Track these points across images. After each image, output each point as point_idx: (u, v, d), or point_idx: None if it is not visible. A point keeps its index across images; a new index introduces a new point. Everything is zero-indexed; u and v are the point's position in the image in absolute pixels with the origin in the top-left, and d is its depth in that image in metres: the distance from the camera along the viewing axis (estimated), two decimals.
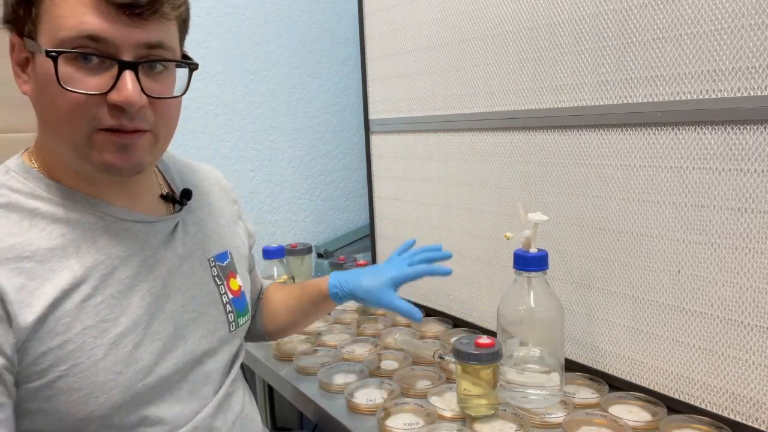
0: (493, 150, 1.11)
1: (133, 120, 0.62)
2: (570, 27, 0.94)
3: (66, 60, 0.58)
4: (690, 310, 0.84)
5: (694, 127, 0.80)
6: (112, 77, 0.60)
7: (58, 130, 0.63)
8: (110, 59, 0.59)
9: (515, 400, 0.90)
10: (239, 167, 1.64)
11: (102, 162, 0.63)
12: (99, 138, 0.62)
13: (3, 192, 0.63)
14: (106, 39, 0.58)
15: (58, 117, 0.61)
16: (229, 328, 0.79)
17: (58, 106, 0.60)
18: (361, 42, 1.43)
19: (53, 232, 0.63)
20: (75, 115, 0.60)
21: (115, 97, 0.60)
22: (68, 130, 0.61)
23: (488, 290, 1.17)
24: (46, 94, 0.61)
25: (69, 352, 0.61)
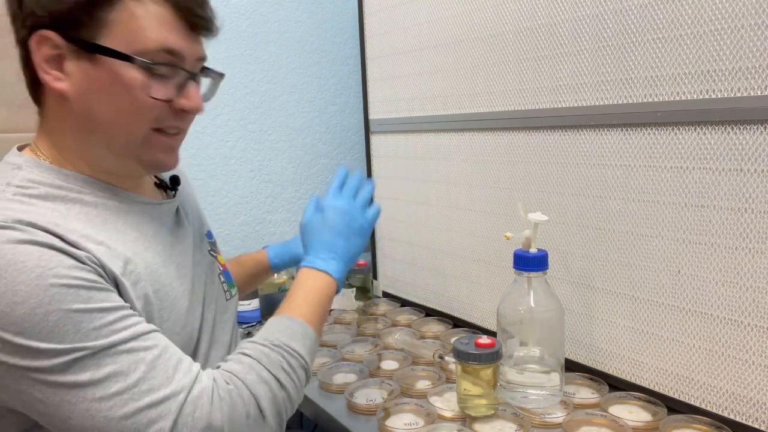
0: (493, 150, 1.11)
1: (188, 122, 0.72)
2: (570, 27, 0.94)
3: (140, 68, 0.64)
4: (690, 310, 0.84)
5: (694, 127, 0.80)
6: (177, 86, 0.67)
7: (113, 130, 0.67)
8: (181, 70, 0.67)
9: (515, 400, 0.90)
10: (239, 167, 1.64)
11: (153, 160, 0.70)
12: (154, 139, 0.69)
13: (30, 185, 0.65)
14: (180, 53, 0.66)
15: (122, 118, 0.66)
16: (226, 297, 0.86)
17: (127, 108, 0.66)
18: (361, 42, 1.43)
19: (89, 214, 0.66)
20: (141, 117, 0.67)
21: (185, 104, 0.68)
22: (127, 130, 0.67)
23: (488, 290, 1.17)
24: (110, 96, 0.65)
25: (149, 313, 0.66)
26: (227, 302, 0.86)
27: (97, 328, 0.58)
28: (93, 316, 0.58)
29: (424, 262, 1.34)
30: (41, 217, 0.61)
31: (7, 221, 0.58)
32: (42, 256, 0.57)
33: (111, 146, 0.68)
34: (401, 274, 1.43)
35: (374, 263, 1.51)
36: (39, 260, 0.57)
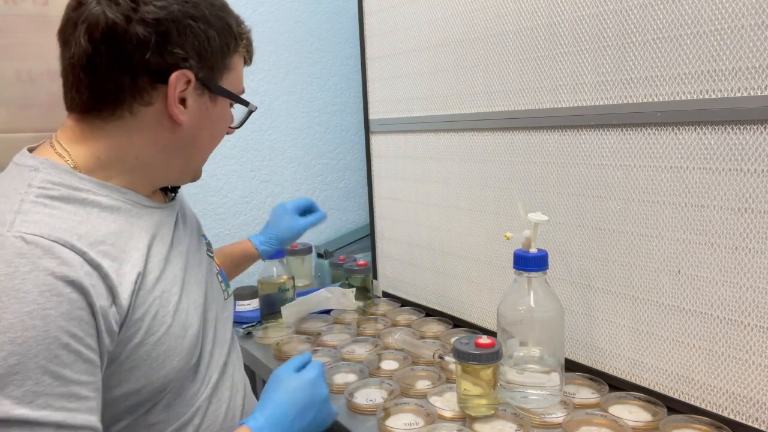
0: (493, 150, 1.11)
1: None
2: (570, 27, 0.94)
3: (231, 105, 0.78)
4: (690, 310, 0.84)
5: (694, 127, 0.80)
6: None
7: (202, 155, 0.79)
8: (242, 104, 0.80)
9: (515, 400, 0.90)
10: (239, 167, 1.64)
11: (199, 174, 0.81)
12: None
13: (50, 186, 0.65)
14: None
15: (210, 143, 0.78)
16: (224, 296, 0.88)
17: (217, 138, 0.79)
18: (361, 42, 1.43)
19: (107, 217, 0.67)
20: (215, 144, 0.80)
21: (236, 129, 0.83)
22: (209, 151, 0.80)
23: (488, 290, 1.17)
24: (214, 129, 0.77)
25: (148, 323, 0.67)
26: (225, 301, 0.88)
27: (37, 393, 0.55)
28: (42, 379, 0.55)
29: (424, 262, 1.34)
30: (63, 225, 0.61)
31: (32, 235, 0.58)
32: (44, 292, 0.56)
33: (191, 165, 0.78)
34: (401, 274, 1.43)
35: (374, 263, 1.51)
36: (39, 296, 0.56)
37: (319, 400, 0.80)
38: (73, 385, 0.58)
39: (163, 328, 0.68)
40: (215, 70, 0.72)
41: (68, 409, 0.57)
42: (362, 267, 1.40)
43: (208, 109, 0.73)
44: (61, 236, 0.60)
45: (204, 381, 0.76)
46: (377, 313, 1.35)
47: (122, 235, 0.68)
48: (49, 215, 0.62)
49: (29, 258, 0.57)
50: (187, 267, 0.77)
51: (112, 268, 0.63)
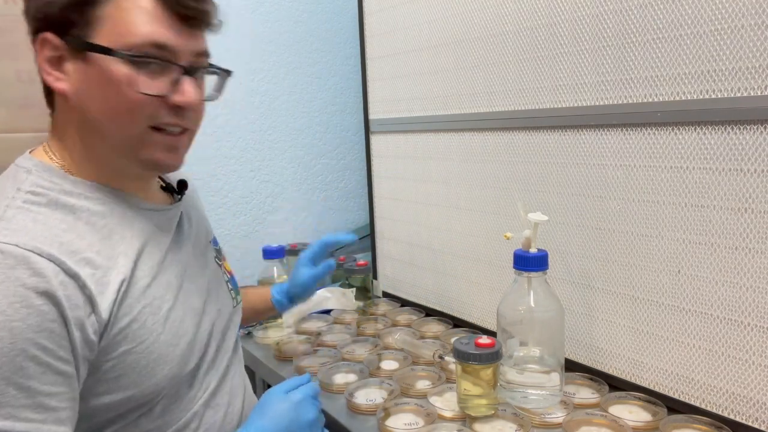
0: (493, 150, 1.11)
1: (186, 119, 0.69)
2: (570, 27, 0.94)
3: (127, 63, 0.63)
4: (690, 310, 0.84)
5: (694, 127, 0.80)
6: (171, 81, 0.66)
7: (110, 128, 0.66)
8: (174, 65, 0.65)
9: (515, 400, 0.90)
10: (239, 167, 1.64)
11: (151, 159, 0.68)
12: (152, 137, 0.67)
13: (40, 191, 0.64)
14: (170, 47, 0.64)
15: (114, 115, 0.65)
16: (233, 304, 0.86)
17: (117, 105, 0.65)
18: (361, 42, 1.43)
19: (96, 223, 0.66)
20: (134, 115, 0.65)
21: (179, 99, 0.66)
22: (123, 127, 0.66)
23: (488, 290, 1.17)
24: (103, 93, 0.64)
25: (134, 331, 0.65)
26: (234, 309, 0.86)
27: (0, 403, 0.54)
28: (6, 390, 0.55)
29: (424, 262, 1.34)
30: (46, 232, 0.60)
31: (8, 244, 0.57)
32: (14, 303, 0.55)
33: (112, 146, 0.68)
34: (401, 274, 1.43)
35: (374, 263, 1.51)
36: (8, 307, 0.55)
37: (304, 423, 0.76)
38: (41, 396, 0.57)
39: (152, 336, 0.66)
40: (76, 24, 0.63)
41: (33, 420, 0.56)
42: (362, 267, 1.40)
43: (84, 71, 0.64)
44: (39, 245, 0.58)
45: (202, 387, 0.75)
46: (377, 313, 1.35)
47: (111, 240, 0.66)
48: (33, 221, 0.61)
49: (1, 268, 0.56)
50: (186, 273, 0.75)
51: (92, 277, 0.61)
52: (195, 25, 0.66)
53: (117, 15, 0.62)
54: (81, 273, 0.61)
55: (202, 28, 0.68)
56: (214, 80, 0.75)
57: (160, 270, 0.70)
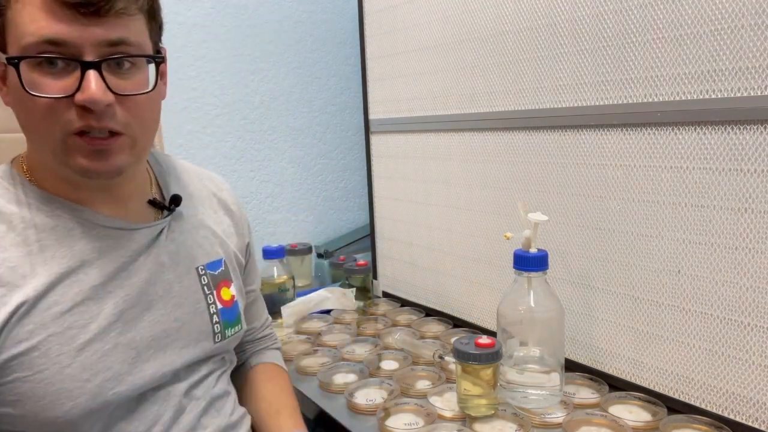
0: (493, 150, 1.11)
1: (102, 120, 0.61)
2: (570, 27, 0.94)
3: (30, 66, 0.59)
4: (690, 310, 0.84)
5: (694, 127, 0.80)
6: (77, 79, 0.59)
7: (34, 137, 0.64)
8: (72, 61, 0.59)
9: (515, 400, 0.90)
10: (239, 167, 1.64)
11: (78, 166, 0.63)
12: (72, 143, 0.62)
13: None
14: (65, 41, 0.58)
15: (32, 123, 0.62)
16: (215, 339, 0.77)
17: (29, 113, 0.61)
18: (361, 42, 1.43)
19: (30, 237, 0.63)
20: (47, 121, 0.60)
21: (79, 97, 0.59)
22: (43, 135, 0.62)
23: (488, 290, 1.17)
24: (19, 103, 0.61)
25: (33, 359, 0.61)
26: (216, 344, 0.77)
27: None
28: None
29: (424, 262, 1.34)
30: None
31: None
32: None
33: (45, 155, 0.64)
34: (401, 274, 1.43)
35: (374, 263, 1.51)
36: None
37: None
38: None
39: (54, 368, 0.61)
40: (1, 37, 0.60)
41: None
42: (362, 267, 1.40)
43: (8, 83, 0.62)
44: None
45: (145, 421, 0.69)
46: (377, 313, 1.35)
47: (38, 257, 0.63)
48: None
49: None
50: (140, 301, 0.69)
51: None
52: (94, 14, 0.58)
53: (14, 19, 0.59)
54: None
55: (104, 15, 0.59)
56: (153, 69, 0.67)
57: (93, 295, 0.65)
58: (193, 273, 0.76)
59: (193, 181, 0.84)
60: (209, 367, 0.78)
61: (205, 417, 0.75)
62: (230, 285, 0.81)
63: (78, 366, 0.63)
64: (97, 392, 0.64)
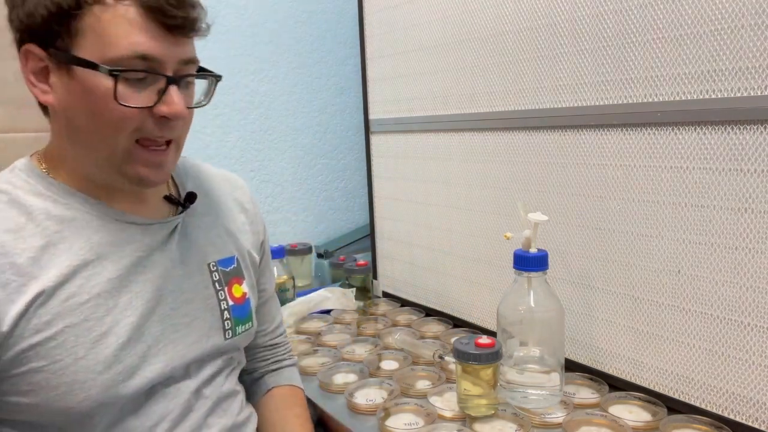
0: (493, 150, 1.11)
1: (174, 130, 0.67)
2: (570, 27, 0.94)
3: (111, 76, 0.61)
4: (690, 310, 0.84)
5: (694, 127, 0.80)
6: (157, 91, 0.64)
7: (93, 141, 0.65)
8: (158, 75, 0.63)
9: (515, 400, 0.90)
10: (239, 167, 1.64)
11: (136, 175, 0.67)
12: (137, 152, 0.66)
13: (5, 188, 0.66)
14: (155, 57, 0.62)
15: (99, 129, 0.64)
16: (225, 336, 0.78)
17: (102, 119, 0.63)
18: (361, 42, 1.43)
19: (48, 228, 0.65)
20: (119, 128, 0.64)
21: (164, 110, 0.64)
22: (108, 141, 0.64)
23: (488, 290, 1.17)
24: (88, 106, 0.63)
25: (49, 349, 0.62)
26: (227, 341, 0.78)
27: None
28: None
29: (424, 262, 1.34)
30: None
31: None
32: None
33: (96, 159, 0.66)
34: (401, 274, 1.43)
35: (374, 263, 1.51)
36: None
37: None
38: None
39: (69, 359, 0.63)
40: (58, 36, 0.62)
41: None
42: (362, 267, 1.40)
43: (67, 84, 0.63)
44: None
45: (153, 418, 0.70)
46: (377, 313, 1.35)
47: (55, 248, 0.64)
48: None
49: None
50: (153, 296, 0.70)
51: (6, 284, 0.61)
52: (181, 33, 0.64)
53: (99, 27, 0.61)
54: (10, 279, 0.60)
55: (188, 36, 0.65)
56: (203, 85, 0.73)
57: (110, 288, 0.67)
58: (204, 269, 0.78)
59: (209, 179, 0.86)
60: (218, 366, 0.78)
61: (211, 416, 0.75)
62: (242, 282, 0.82)
63: (92, 358, 0.64)
64: (110, 385, 0.65)
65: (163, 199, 0.77)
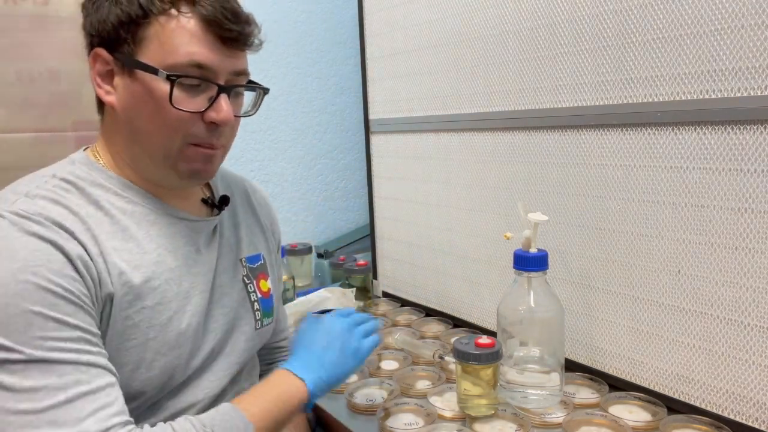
0: (493, 150, 1.11)
1: (221, 137, 0.72)
2: (570, 27, 0.94)
3: (169, 81, 0.66)
4: (690, 310, 0.84)
5: (694, 127, 0.80)
6: (209, 98, 0.69)
7: (151, 140, 0.70)
8: (211, 83, 0.68)
9: (515, 400, 0.90)
10: (239, 167, 1.64)
11: (189, 170, 0.72)
12: (189, 151, 0.70)
13: (71, 179, 0.69)
14: (210, 67, 0.67)
15: (157, 129, 0.69)
16: (255, 326, 0.84)
17: (160, 120, 0.68)
18: (361, 42, 1.43)
19: (114, 218, 0.69)
20: (175, 130, 0.69)
21: (213, 116, 0.69)
22: (164, 141, 0.69)
23: (488, 290, 1.17)
24: (147, 108, 0.68)
25: (127, 327, 0.67)
26: (256, 332, 0.85)
27: (44, 338, 0.58)
28: (47, 324, 0.58)
29: (424, 262, 1.34)
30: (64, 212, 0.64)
31: (30, 213, 0.62)
32: (36, 250, 0.60)
33: (152, 157, 0.71)
34: (401, 274, 1.43)
35: (374, 263, 1.51)
36: (30, 254, 0.59)
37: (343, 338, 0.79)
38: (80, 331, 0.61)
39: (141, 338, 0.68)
40: (125, 42, 0.67)
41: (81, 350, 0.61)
42: (362, 267, 1.40)
43: (129, 87, 0.69)
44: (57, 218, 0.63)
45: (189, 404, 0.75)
46: (377, 313, 1.35)
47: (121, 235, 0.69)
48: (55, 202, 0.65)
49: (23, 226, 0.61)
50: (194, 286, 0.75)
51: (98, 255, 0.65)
52: (235, 47, 0.69)
53: (162, 35, 0.66)
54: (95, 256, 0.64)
55: (242, 49, 0.70)
56: (251, 96, 0.78)
57: (173, 277, 0.72)
58: (238, 265, 0.84)
59: (234, 182, 0.92)
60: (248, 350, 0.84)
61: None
62: (267, 278, 0.88)
63: (160, 340, 0.69)
64: (170, 365, 0.70)
65: (201, 202, 0.82)
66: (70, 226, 0.63)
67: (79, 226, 0.64)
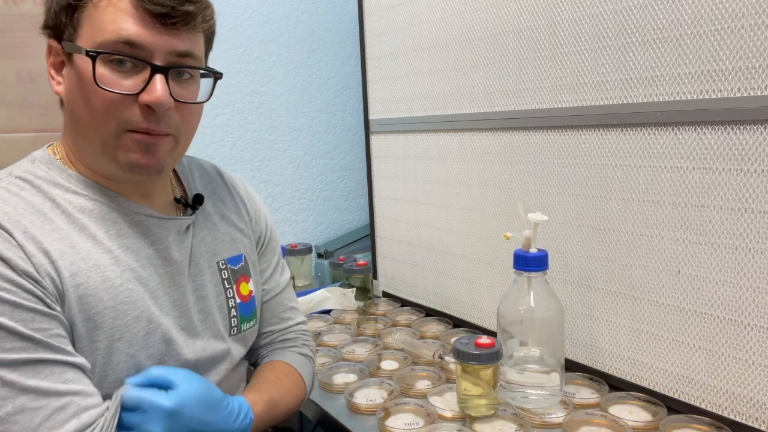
0: (493, 150, 1.11)
1: (160, 123, 0.66)
2: (570, 27, 0.94)
3: (103, 62, 0.63)
4: (690, 310, 0.84)
5: (694, 127, 0.80)
6: (144, 80, 0.64)
7: (88, 129, 0.67)
8: (143, 63, 0.64)
9: (515, 400, 0.90)
10: (239, 167, 1.64)
11: (128, 161, 0.67)
12: (127, 139, 0.66)
13: (28, 177, 0.67)
14: (141, 44, 0.63)
15: (90, 116, 0.65)
16: (230, 332, 0.81)
17: (92, 105, 0.64)
18: (361, 42, 1.43)
19: (72, 215, 0.67)
20: (107, 115, 0.64)
21: (146, 98, 0.64)
22: (99, 128, 0.65)
23: (488, 290, 1.17)
24: (81, 93, 0.65)
25: (89, 330, 0.64)
26: (233, 337, 0.81)
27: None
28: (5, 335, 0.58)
29: (424, 262, 1.34)
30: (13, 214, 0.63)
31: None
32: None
33: (92, 147, 0.68)
34: (401, 274, 1.43)
35: (374, 263, 1.51)
36: None
37: None
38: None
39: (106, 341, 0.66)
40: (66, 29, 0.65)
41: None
42: (362, 267, 1.40)
43: (69, 73, 0.67)
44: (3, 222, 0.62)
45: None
46: (377, 313, 1.35)
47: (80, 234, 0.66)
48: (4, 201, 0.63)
49: None
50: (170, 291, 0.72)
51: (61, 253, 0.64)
52: (171, 24, 0.64)
53: (94, 15, 0.63)
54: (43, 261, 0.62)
55: (180, 28, 0.65)
56: (209, 85, 0.73)
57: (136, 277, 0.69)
58: (214, 267, 0.80)
59: (214, 179, 0.88)
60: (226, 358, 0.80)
61: None
62: (249, 280, 0.84)
63: (127, 341, 0.67)
64: (140, 369, 0.67)
65: (173, 201, 0.79)
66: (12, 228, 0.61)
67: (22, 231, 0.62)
